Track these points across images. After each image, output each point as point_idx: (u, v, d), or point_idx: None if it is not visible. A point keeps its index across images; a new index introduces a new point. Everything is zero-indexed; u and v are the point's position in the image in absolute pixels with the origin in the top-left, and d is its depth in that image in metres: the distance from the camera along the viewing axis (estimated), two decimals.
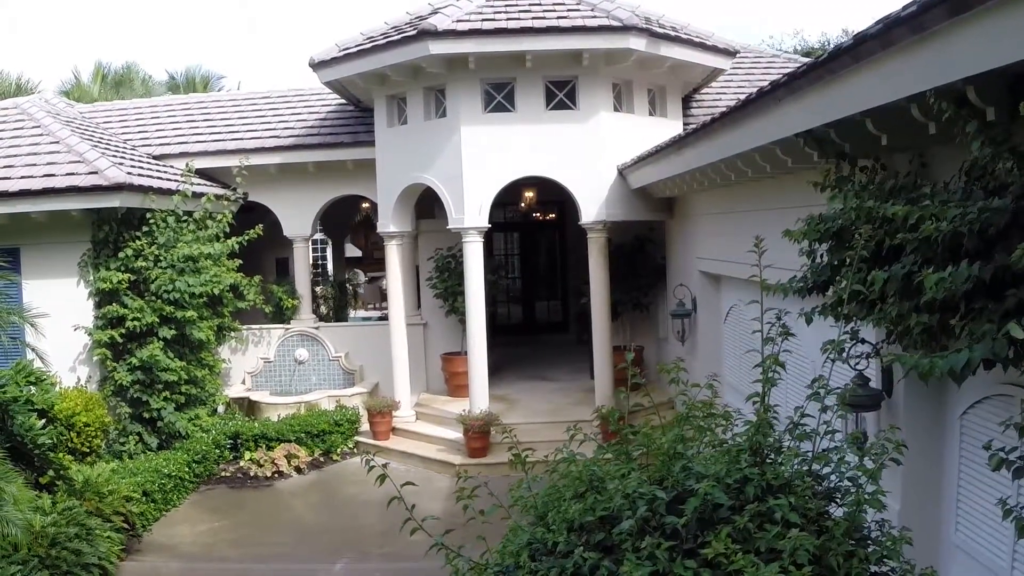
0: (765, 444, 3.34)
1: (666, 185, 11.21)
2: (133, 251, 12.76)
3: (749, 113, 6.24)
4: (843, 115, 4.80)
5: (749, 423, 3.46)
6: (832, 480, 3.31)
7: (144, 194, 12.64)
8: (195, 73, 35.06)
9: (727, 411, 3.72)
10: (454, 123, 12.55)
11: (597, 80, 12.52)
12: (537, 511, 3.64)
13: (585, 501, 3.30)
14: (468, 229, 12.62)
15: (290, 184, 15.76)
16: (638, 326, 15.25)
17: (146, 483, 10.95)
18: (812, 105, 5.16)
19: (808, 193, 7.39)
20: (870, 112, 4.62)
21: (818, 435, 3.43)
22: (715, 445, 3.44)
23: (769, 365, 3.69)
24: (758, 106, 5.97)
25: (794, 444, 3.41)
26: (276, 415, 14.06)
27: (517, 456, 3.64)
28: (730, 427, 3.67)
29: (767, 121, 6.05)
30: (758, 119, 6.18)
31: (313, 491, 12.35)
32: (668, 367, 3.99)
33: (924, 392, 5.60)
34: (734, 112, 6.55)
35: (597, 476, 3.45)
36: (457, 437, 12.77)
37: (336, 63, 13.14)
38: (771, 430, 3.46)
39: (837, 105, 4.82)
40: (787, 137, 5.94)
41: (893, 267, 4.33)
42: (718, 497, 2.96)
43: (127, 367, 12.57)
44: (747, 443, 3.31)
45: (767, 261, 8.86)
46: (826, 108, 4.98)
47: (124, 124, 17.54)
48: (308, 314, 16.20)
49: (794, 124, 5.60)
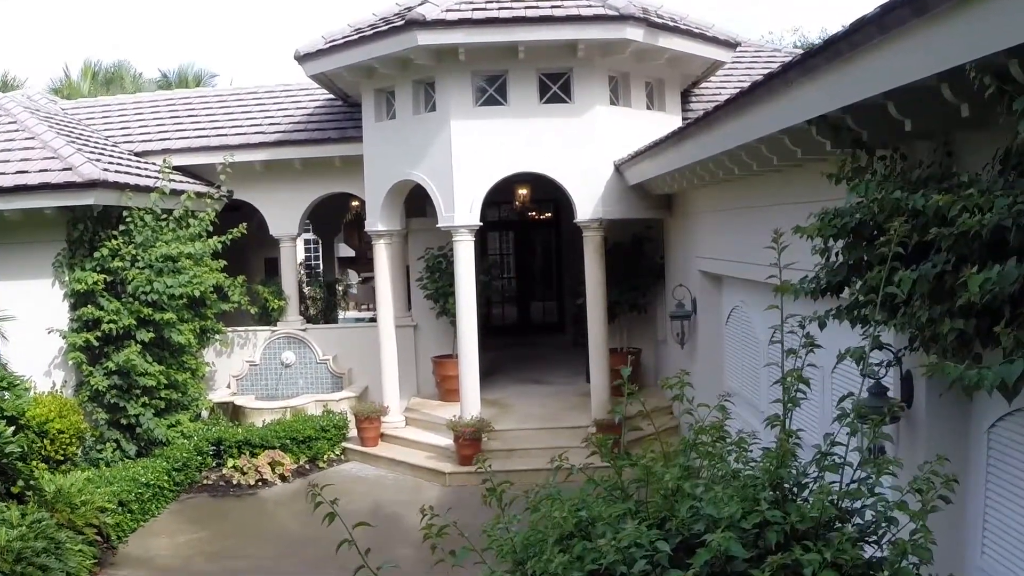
0: (788, 478, 2.83)
1: (665, 181, 10.73)
2: (109, 251, 12.27)
3: (757, 98, 5.75)
4: (863, 97, 4.32)
5: (767, 452, 2.96)
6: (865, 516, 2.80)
7: (120, 191, 12.14)
8: (188, 71, 34.80)
9: (741, 437, 3.19)
10: (444, 117, 12.07)
11: (593, 72, 12.04)
12: (516, 555, 3.11)
13: (571, 550, 2.77)
14: (458, 228, 12.14)
15: (276, 182, 15.26)
16: (636, 328, 14.78)
17: (122, 493, 10.47)
18: (829, 86, 4.67)
19: (817, 187, 6.91)
20: (893, 94, 4.13)
21: (849, 466, 2.92)
22: (727, 478, 2.93)
23: (791, 383, 3.17)
24: (768, 89, 5.48)
25: (820, 477, 2.90)
26: (261, 420, 13.58)
27: (492, 490, 3.07)
28: (744, 454, 3.15)
29: (776, 107, 5.56)
30: (766, 105, 5.69)
31: (298, 500, 11.86)
32: (671, 381, 3.49)
33: (948, 402, 5.12)
34: (740, 98, 6.06)
35: (586, 519, 2.90)
36: (448, 444, 12.30)
37: (322, 55, 12.68)
38: (794, 460, 2.95)
39: (857, 86, 4.33)
40: (798, 125, 5.46)
41: (922, 266, 3.84)
42: (734, 550, 2.46)
43: (103, 371, 12.10)
44: (766, 477, 2.80)
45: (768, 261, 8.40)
46: (844, 89, 4.49)
47: (107, 120, 17.07)
48: (295, 315, 15.71)
49: (807, 109, 5.12)
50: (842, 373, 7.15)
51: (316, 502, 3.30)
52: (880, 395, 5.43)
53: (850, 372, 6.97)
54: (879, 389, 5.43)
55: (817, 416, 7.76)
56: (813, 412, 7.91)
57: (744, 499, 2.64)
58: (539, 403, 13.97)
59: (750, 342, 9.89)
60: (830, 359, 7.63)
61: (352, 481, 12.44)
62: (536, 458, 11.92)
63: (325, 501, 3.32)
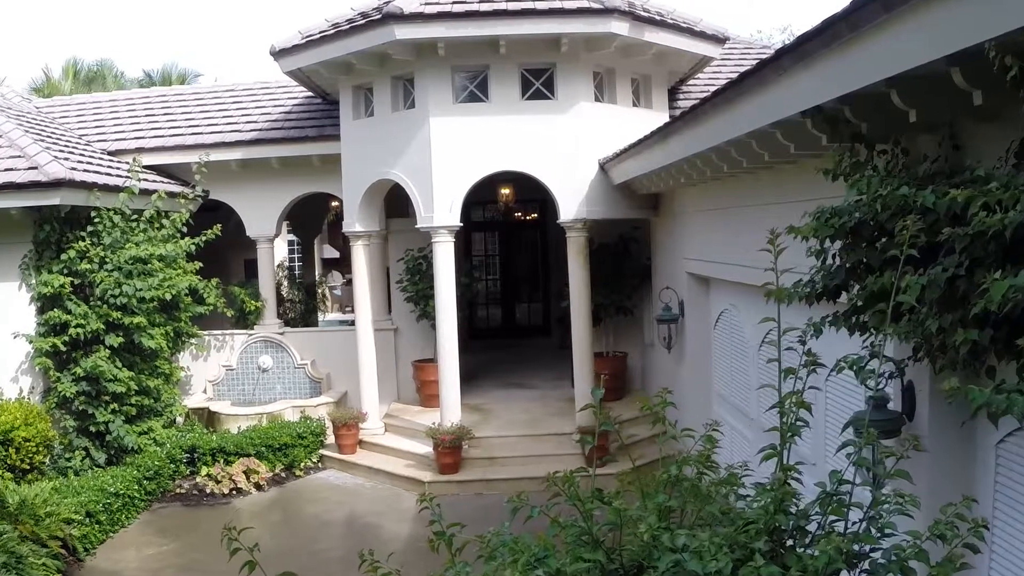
0: (786, 524, 2.45)
1: (651, 180, 10.37)
2: (77, 252, 11.82)
3: (746, 89, 5.38)
4: (864, 84, 3.95)
5: (761, 488, 2.59)
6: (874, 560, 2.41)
7: (88, 191, 11.69)
8: (171, 71, 34.48)
9: (732, 474, 2.79)
10: (423, 114, 11.68)
11: (577, 68, 11.67)
12: None
13: None
14: (438, 228, 11.75)
15: (253, 181, 14.83)
16: (622, 331, 14.42)
17: (90, 503, 10.10)
18: (826, 73, 4.30)
19: (811, 185, 6.56)
20: (898, 81, 3.77)
21: (858, 507, 2.53)
22: (715, 519, 2.54)
23: (790, 407, 2.78)
24: (759, 79, 5.11)
25: (822, 519, 2.51)
26: (236, 427, 13.15)
27: (440, 534, 2.64)
28: (733, 490, 2.75)
29: (768, 98, 5.19)
30: (757, 96, 5.31)
31: (273, 510, 11.48)
32: (652, 402, 3.10)
33: (953, 415, 4.77)
34: (728, 89, 5.69)
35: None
36: (428, 451, 11.90)
37: (298, 51, 12.29)
38: (794, 501, 2.56)
39: (858, 72, 3.97)
40: (791, 117, 5.09)
41: (932, 270, 3.48)
42: None
43: (71, 377, 11.69)
44: (762, 521, 2.40)
45: (759, 263, 8.03)
46: (843, 77, 4.12)
47: (81, 119, 16.66)
48: (273, 318, 15.28)
49: (801, 100, 4.75)
50: (838, 383, 6.78)
51: (232, 549, 2.81)
52: (881, 408, 5.08)
53: (846, 382, 6.61)
54: (880, 401, 5.08)
55: (808, 430, 7.39)
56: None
57: (735, 546, 2.26)
58: (522, 408, 13.59)
59: (740, 346, 9.54)
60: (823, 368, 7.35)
61: (328, 490, 12.05)
62: (519, 466, 11.58)
63: (244, 548, 2.86)
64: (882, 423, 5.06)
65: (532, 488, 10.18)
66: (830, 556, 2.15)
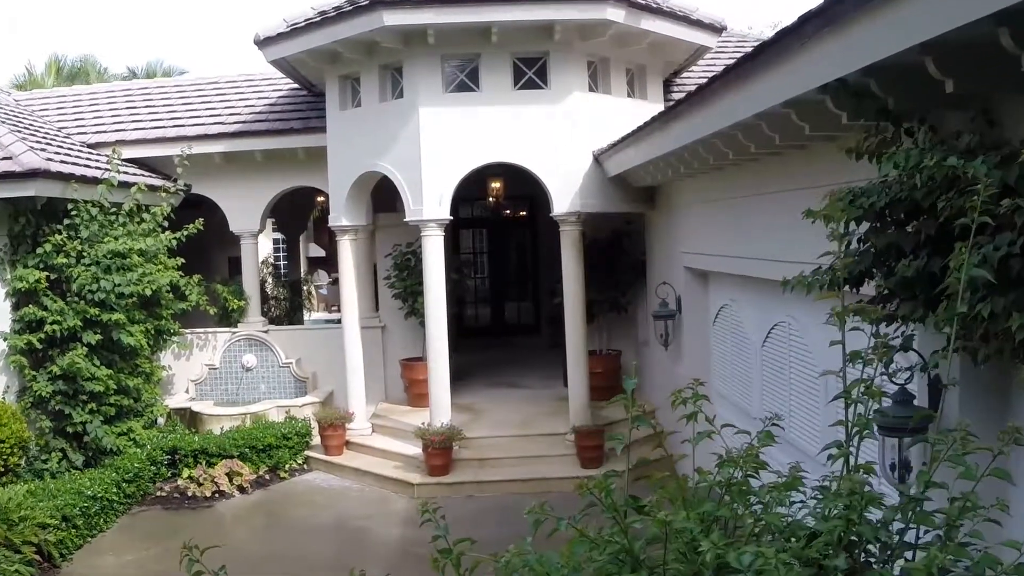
0: (870, 536, 2.08)
1: (648, 171, 10.04)
2: (53, 246, 11.42)
3: (762, 64, 5.03)
4: (898, 50, 3.62)
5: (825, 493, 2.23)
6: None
7: (65, 182, 11.29)
8: (157, 68, 34.06)
9: (796, 477, 2.41)
10: (412, 104, 11.33)
11: (570, 57, 11.34)
12: None
13: None
14: (427, 222, 11.39)
15: (237, 175, 14.44)
16: (616, 329, 14.08)
17: (66, 507, 9.68)
18: (854, 41, 3.97)
19: (821, 172, 6.24)
20: (936, 46, 3.44)
21: (943, 514, 2.16)
22: (775, 532, 2.16)
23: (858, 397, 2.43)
24: (777, 51, 4.76)
25: (901, 533, 2.14)
26: (219, 427, 12.73)
27: (446, 552, 2.25)
28: (787, 497, 2.36)
29: (785, 72, 4.86)
30: (775, 70, 4.97)
31: (257, 514, 11.10)
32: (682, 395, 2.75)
33: (984, 408, 4.44)
34: (740, 65, 5.34)
35: None
36: (417, 453, 11.53)
37: (283, 39, 11.91)
38: (879, 507, 2.17)
39: (892, 36, 3.63)
40: (808, 94, 4.76)
41: (985, 249, 3.15)
42: None
43: (47, 376, 11.28)
44: (836, 531, 2.02)
45: (762, 254, 7.72)
46: (875, 42, 3.79)
47: (61, 112, 16.26)
48: (256, 316, 14.88)
49: (824, 71, 4.41)
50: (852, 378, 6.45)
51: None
52: (906, 403, 4.75)
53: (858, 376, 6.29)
54: (904, 396, 4.75)
55: (819, 427, 7.07)
56: (814, 422, 7.22)
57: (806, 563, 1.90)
58: (514, 408, 13.25)
59: (740, 343, 9.22)
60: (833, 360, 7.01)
61: (314, 493, 11.67)
62: (511, 468, 11.25)
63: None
64: (905, 420, 4.74)
65: (525, 491, 9.84)
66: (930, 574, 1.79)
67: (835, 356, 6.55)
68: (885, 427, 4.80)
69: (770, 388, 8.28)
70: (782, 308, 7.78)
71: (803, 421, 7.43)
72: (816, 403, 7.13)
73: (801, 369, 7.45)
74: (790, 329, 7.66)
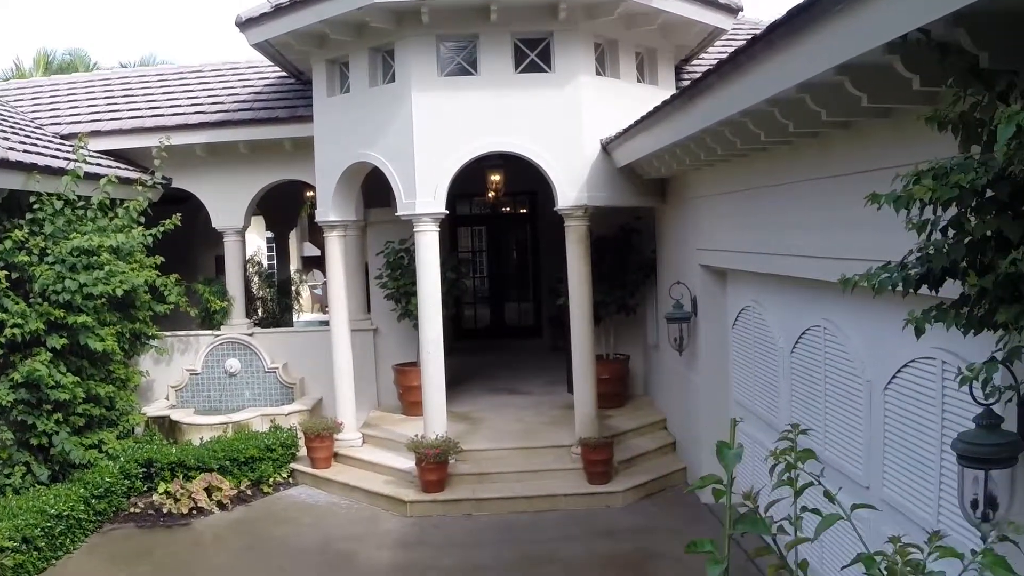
0: None
1: (663, 160, 9.17)
2: (14, 243, 10.54)
3: (818, 15, 4.14)
4: None
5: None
6: None
7: (27, 173, 10.41)
8: (149, 63, 33.18)
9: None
10: (404, 89, 10.46)
11: (576, 38, 10.45)
12: None
13: None
14: (421, 216, 10.51)
15: (219, 168, 13.58)
16: (623, 332, 13.20)
17: (27, 527, 8.82)
18: None
19: (866, 154, 5.39)
20: None
21: None
22: None
23: None
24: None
25: None
26: (199, 437, 11.85)
27: None
28: None
29: (846, 25, 3.99)
30: (832, 23, 4.08)
31: (237, 533, 10.22)
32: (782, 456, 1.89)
33: None
34: (787, 22, 4.45)
35: None
36: (410, 467, 10.63)
37: (266, 20, 11.02)
38: None
39: None
40: (871, 54, 3.92)
41: None
42: None
43: (8, 384, 10.37)
44: None
45: (795, 250, 6.86)
46: None
47: (36, 102, 15.46)
48: (241, 318, 14.00)
49: (899, 21, 3.56)
50: (899, 390, 5.59)
51: None
52: (993, 428, 3.90)
53: (910, 388, 5.42)
54: (992, 419, 3.90)
55: (863, 446, 6.20)
56: (855, 439, 6.34)
57: None
58: (515, 417, 12.36)
59: (765, 348, 8.34)
60: (878, 368, 6.15)
61: (299, 510, 10.78)
62: (512, 483, 10.40)
63: None
64: (993, 448, 3.91)
65: (528, 509, 8.93)
66: None
67: (881, 365, 5.65)
68: (967, 457, 3.98)
69: (800, 399, 7.41)
70: (816, 310, 6.93)
71: (841, 438, 6.57)
72: (858, 418, 6.26)
73: (839, 379, 6.58)
74: (826, 334, 6.79)
